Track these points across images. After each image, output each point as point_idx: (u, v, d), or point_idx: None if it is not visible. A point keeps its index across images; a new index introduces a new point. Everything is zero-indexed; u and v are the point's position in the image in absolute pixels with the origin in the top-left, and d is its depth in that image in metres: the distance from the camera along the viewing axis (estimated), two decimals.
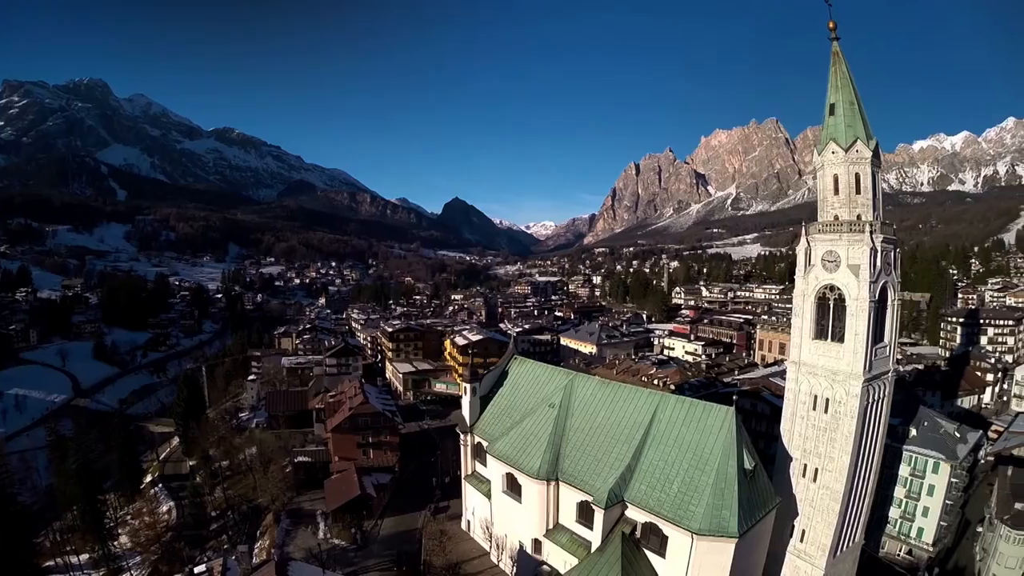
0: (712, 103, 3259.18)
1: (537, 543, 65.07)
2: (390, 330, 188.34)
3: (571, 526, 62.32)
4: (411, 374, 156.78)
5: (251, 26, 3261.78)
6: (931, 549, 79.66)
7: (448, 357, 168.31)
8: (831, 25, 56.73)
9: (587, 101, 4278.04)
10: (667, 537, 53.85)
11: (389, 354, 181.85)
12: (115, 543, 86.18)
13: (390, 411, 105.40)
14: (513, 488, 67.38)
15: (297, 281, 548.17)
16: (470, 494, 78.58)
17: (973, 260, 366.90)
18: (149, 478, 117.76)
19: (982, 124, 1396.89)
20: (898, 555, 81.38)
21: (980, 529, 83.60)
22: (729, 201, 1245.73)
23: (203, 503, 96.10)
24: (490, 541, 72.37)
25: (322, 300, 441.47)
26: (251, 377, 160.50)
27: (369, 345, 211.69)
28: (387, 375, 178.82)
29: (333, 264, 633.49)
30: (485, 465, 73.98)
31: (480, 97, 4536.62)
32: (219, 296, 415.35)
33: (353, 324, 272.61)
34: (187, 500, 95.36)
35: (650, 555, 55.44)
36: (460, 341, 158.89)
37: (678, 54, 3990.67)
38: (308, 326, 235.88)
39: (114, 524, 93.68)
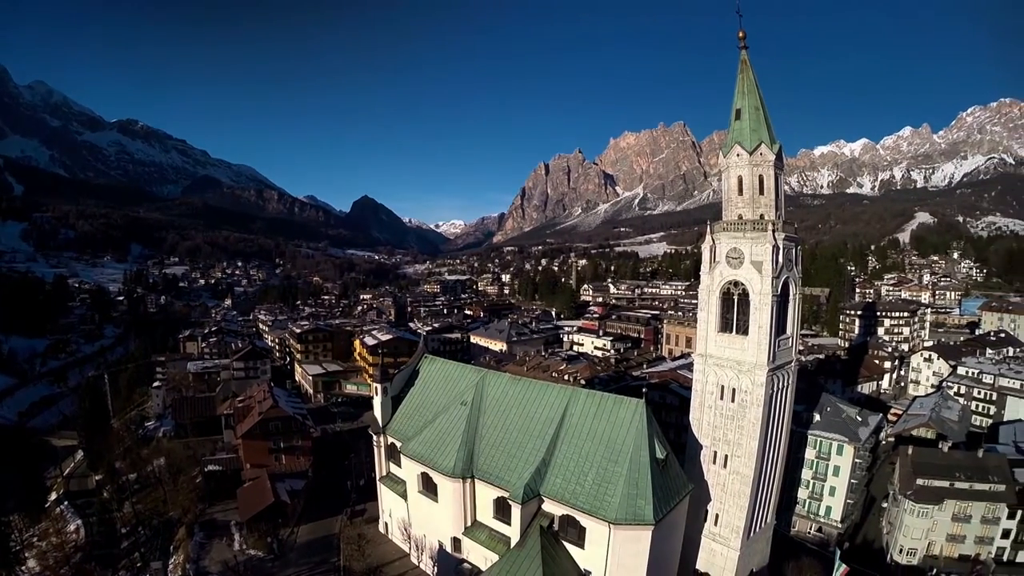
0: (622, 106, 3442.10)
1: (456, 541, 68.31)
2: (298, 331, 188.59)
3: (489, 523, 65.80)
4: (321, 376, 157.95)
5: (155, 13, 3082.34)
6: (840, 526, 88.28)
7: (358, 358, 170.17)
8: (740, 34, 62.33)
9: (497, 102, 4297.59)
10: (585, 528, 58.05)
11: (298, 356, 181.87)
12: (22, 568, 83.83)
13: (301, 415, 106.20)
14: (429, 488, 70.31)
15: (202, 282, 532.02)
16: (386, 496, 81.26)
17: (870, 257, 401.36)
18: (54, 496, 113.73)
19: (880, 132, 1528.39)
20: (809, 533, 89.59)
21: (885, 505, 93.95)
22: (637, 201, 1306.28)
23: (112, 519, 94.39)
24: (409, 542, 75.20)
25: (228, 301, 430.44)
26: (156, 384, 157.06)
27: (277, 347, 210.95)
28: (296, 378, 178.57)
29: (239, 264, 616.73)
30: (400, 466, 76.76)
31: (389, 95, 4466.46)
32: (121, 299, 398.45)
33: (260, 326, 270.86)
34: (95, 517, 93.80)
35: (569, 547, 59.46)
36: (370, 341, 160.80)
37: (589, 58, 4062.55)
38: (214, 329, 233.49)
39: (20, 547, 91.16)
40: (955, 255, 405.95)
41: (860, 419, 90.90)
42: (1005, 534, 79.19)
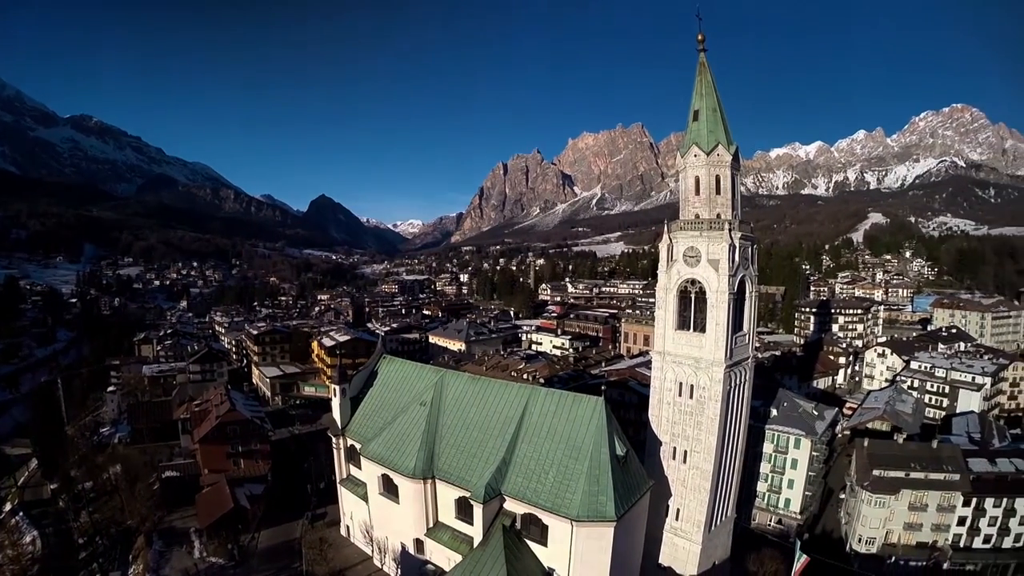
0: (581, 107, 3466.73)
1: (419, 543, 67.96)
2: (255, 333, 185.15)
3: (452, 523, 65.61)
4: (279, 378, 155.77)
5: (110, 7, 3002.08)
6: (799, 517, 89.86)
7: (316, 359, 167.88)
8: (700, 37, 62.92)
9: (456, 101, 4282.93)
10: (547, 526, 58.11)
11: (255, 358, 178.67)
12: None
13: (259, 418, 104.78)
14: (390, 489, 69.72)
15: (157, 283, 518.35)
16: (347, 498, 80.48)
17: (824, 257, 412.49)
18: (8, 506, 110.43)
19: (834, 135, 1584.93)
20: (769, 525, 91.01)
21: (843, 496, 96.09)
22: (594, 201, 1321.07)
23: (69, 530, 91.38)
24: (372, 545, 74.54)
25: (184, 303, 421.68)
26: (110, 388, 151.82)
27: (234, 349, 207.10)
28: (254, 380, 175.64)
29: (195, 264, 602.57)
30: (360, 468, 76.02)
31: (347, 93, 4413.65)
32: (74, 300, 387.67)
33: (217, 328, 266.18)
34: (51, 528, 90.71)
35: (532, 545, 59.51)
36: (328, 342, 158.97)
37: (548, 58, 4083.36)
38: (169, 331, 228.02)
39: None
40: (907, 254, 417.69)
41: (816, 413, 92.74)
42: (961, 521, 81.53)
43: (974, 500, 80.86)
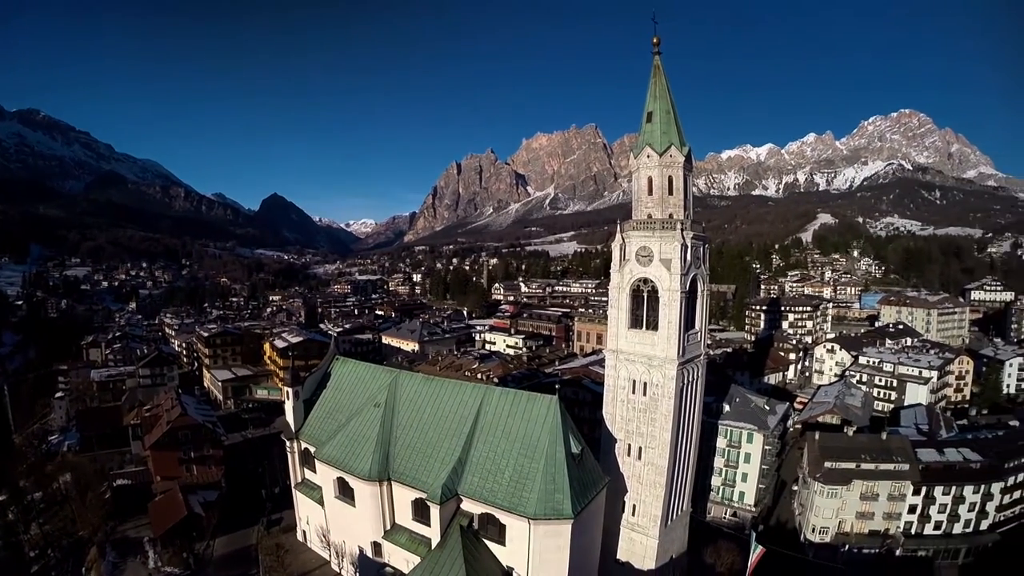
0: (535, 107, 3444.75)
1: (377, 546, 67.06)
2: (206, 335, 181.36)
3: (409, 525, 64.93)
4: (230, 381, 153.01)
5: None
6: (753, 510, 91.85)
7: (268, 361, 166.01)
8: (655, 40, 63.17)
9: (410, 100, 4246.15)
10: (505, 525, 57.93)
11: (206, 361, 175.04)
12: None
13: (211, 422, 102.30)
14: (346, 492, 68.65)
15: (105, 284, 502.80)
16: (303, 503, 79.06)
17: (774, 256, 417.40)
18: None
19: (785, 138, 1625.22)
20: (724, 518, 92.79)
21: (795, 488, 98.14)
22: (548, 201, 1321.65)
23: (19, 542, 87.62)
24: (329, 549, 73.39)
25: (133, 305, 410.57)
26: (58, 394, 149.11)
27: (185, 352, 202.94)
28: (205, 383, 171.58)
29: (144, 265, 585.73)
30: (315, 471, 74.56)
31: (300, 90, 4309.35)
32: (19, 303, 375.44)
33: (167, 330, 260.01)
34: (1, 541, 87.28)
35: (491, 544, 59.25)
36: (280, 344, 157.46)
37: (502, 58, 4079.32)
38: (118, 334, 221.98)
39: None
40: (855, 253, 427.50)
41: (768, 408, 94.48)
42: (911, 509, 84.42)
43: (924, 489, 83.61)
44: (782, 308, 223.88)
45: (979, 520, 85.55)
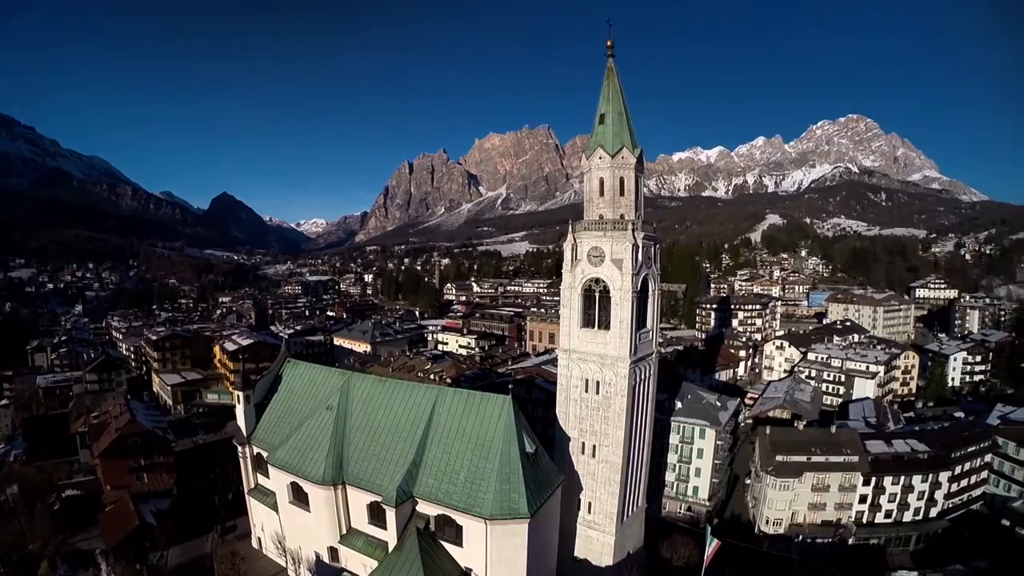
0: (488, 108, 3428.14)
1: (333, 551, 65.92)
2: (155, 338, 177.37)
3: (365, 529, 63.90)
4: (180, 385, 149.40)
5: None
6: (708, 504, 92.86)
7: (218, 364, 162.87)
8: (609, 43, 63.45)
9: (361, 98, 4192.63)
10: (462, 527, 57.47)
11: (155, 365, 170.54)
12: None
13: (161, 428, 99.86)
14: (300, 497, 67.12)
15: (51, 286, 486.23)
16: (257, 509, 77.35)
17: (724, 256, 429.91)
18: None
19: (735, 141, 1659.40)
20: (680, 513, 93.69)
21: (748, 481, 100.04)
22: (499, 201, 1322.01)
23: None
24: (285, 556, 71.80)
25: (79, 307, 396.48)
26: (3, 402, 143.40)
27: (133, 356, 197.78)
28: (155, 388, 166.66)
29: (90, 266, 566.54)
30: (268, 476, 72.90)
31: (249, 86, 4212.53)
32: None
33: (114, 333, 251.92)
34: None
35: (448, 546, 58.72)
36: (230, 346, 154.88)
37: (455, 58, 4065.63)
38: (64, 338, 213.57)
39: None
40: (803, 253, 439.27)
41: (719, 404, 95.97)
42: (862, 499, 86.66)
43: (873, 479, 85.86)
44: (732, 306, 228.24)
45: (928, 508, 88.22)
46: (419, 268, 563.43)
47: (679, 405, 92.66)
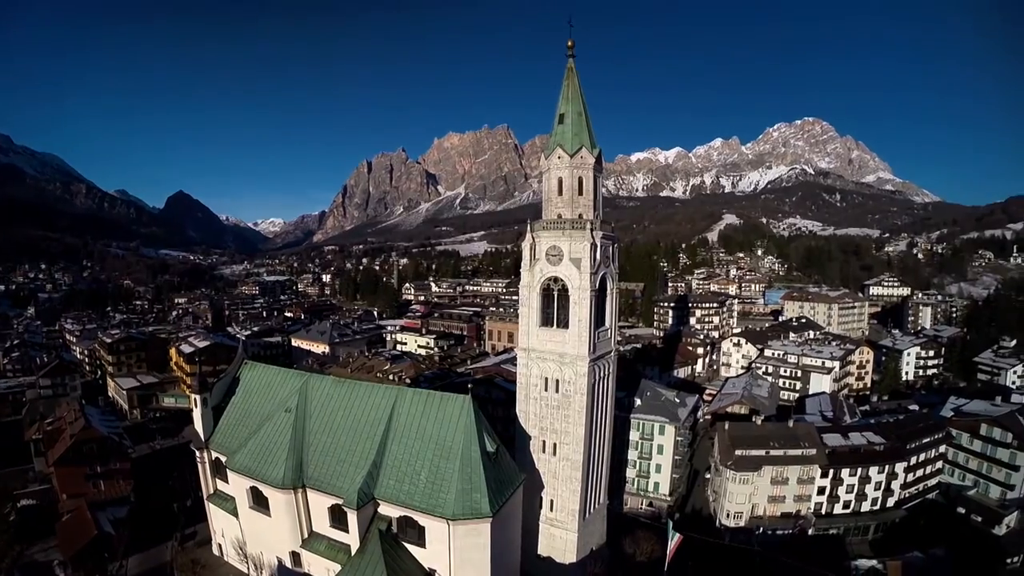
0: (448, 107, 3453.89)
1: (296, 555, 64.98)
2: (109, 341, 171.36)
3: (327, 532, 63.04)
4: (136, 389, 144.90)
5: None
6: (669, 499, 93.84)
7: (175, 367, 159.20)
8: (569, 44, 63.52)
9: (320, 97, 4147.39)
10: (424, 527, 57.14)
11: (110, 369, 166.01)
12: None
13: (117, 434, 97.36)
14: (260, 502, 65.98)
15: (2, 287, 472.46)
16: (217, 515, 75.92)
17: (681, 255, 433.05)
18: None
19: (692, 142, 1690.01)
20: (641, 508, 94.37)
21: (708, 476, 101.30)
22: (458, 201, 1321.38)
23: None
24: (247, 562, 70.44)
25: (31, 309, 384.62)
26: None
27: (87, 360, 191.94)
28: (110, 392, 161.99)
29: (43, 266, 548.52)
30: (227, 481, 71.59)
31: (206, 84, 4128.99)
32: None
33: (68, 336, 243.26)
34: None
35: (411, 547, 58.33)
36: (186, 349, 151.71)
37: (416, 57, 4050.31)
38: (16, 342, 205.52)
39: None
40: (759, 252, 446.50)
41: (678, 401, 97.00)
42: (821, 491, 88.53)
43: (831, 471, 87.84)
44: (690, 304, 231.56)
45: (886, 498, 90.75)
46: (377, 268, 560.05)
47: (638, 402, 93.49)
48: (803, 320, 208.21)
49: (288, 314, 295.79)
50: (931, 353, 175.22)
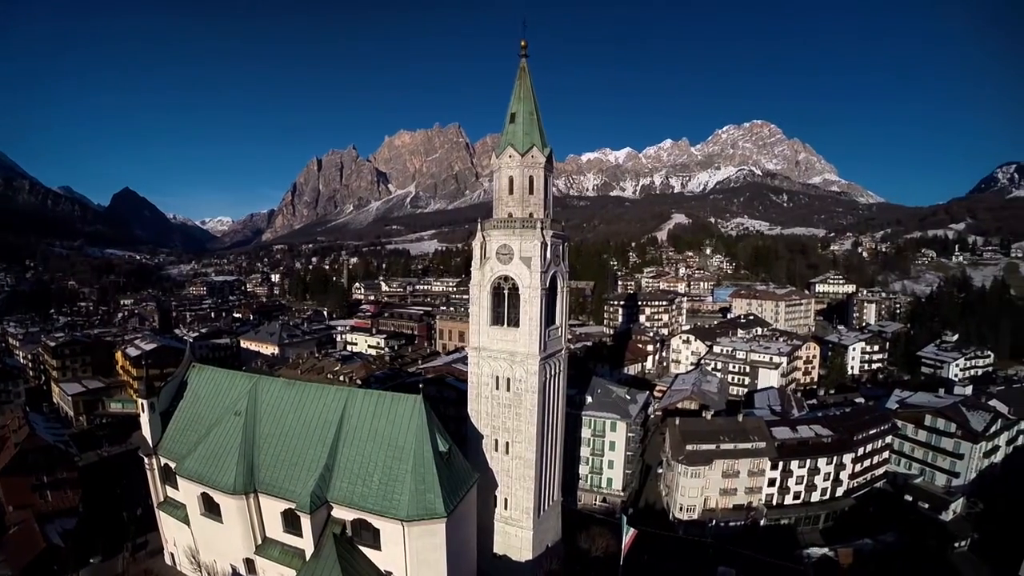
0: (399, 105, 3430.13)
1: (250, 562, 63.94)
2: (53, 345, 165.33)
3: (281, 537, 62.21)
4: (81, 395, 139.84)
5: None
6: (622, 494, 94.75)
7: (121, 371, 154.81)
8: (523, 43, 63.87)
9: (270, 93, 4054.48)
10: (379, 530, 56.84)
11: (55, 373, 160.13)
12: None
13: (63, 442, 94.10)
14: (211, 509, 64.62)
15: None
16: (168, 523, 73.95)
17: (631, 253, 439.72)
18: None
19: (643, 142, 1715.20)
20: (595, 504, 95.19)
21: (660, 471, 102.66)
22: (409, 199, 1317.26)
23: None
24: (200, 571, 69.10)
25: None
26: None
27: (30, 365, 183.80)
28: (55, 398, 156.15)
29: None
30: (177, 488, 69.92)
31: (151, 79, 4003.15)
32: None
33: (10, 340, 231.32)
34: None
35: (366, 550, 57.95)
36: (133, 352, 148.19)
37: (368, 54, 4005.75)
38: None
39: None
40: (708, 251, 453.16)
41: (629, 398, 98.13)
42: (771, 483, 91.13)
43: (781, 463, 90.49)
44: (639, 302, 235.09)
45: (835, 488, 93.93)
46: (327, 267, 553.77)
47: (590, 400, 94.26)
48: (751, 317, 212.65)
49: (237, 315, 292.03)
50: (876, 348, 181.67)
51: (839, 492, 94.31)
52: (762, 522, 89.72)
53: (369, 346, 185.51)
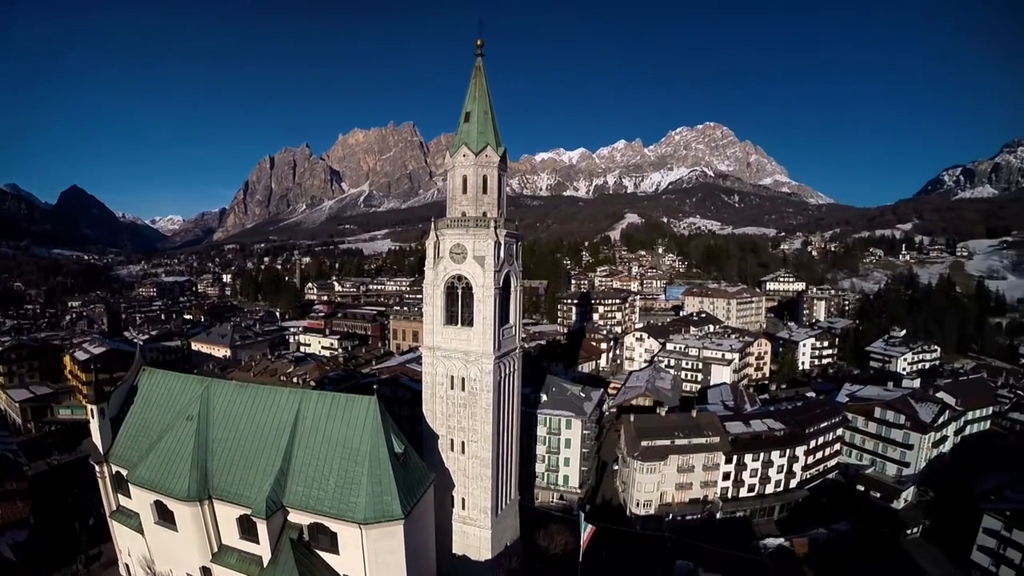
0: (353, 103, 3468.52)
1: (206, 571, 62.58)
2: None
3: (237, 544, 61.00)
4: (29, 401, 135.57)
5: None
6: (579, 491, 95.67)
7: (70, 376, 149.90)
8: (479, 43, 64.20)
9: (221, 88, 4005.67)
10: (336, 533, 56.40)
11: (0, 379, 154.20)
12: None
13: (11, 451, 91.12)
14: (165, 516, 62.97)
15: None
16: (121, 533, 71.57)
17: (584, 253, 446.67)
18: None
19: (597, 143, 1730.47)
20: (553, 502, 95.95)
21: (616, 467, 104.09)
22: (362, 198, 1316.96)
23: None
24: None
25: None
26: None
27: None
28: (1, 405, 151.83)
29: None
30: (130, 496, 67.63)
31: (100, 73, 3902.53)
32: None
33: None
34: None
35: (324, 555, 57.50)
36: (81, 356, 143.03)
37: (321, 52, 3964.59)
38: None
39: None
40: (660, 250, 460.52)
41: (584, 395, 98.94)
42: (726, 476, 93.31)
43: (735, 457, 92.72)
44: (593, 301, 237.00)
45: (789, 480, 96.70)
46: (279, 267, 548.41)
47: (544, 398, 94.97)
48: (703, 315, 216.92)
49: (188, 316, 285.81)
50: (826, 343, 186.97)
51: (793, 484, 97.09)
52: (718, 515, 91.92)
53: (322, 347, 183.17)
